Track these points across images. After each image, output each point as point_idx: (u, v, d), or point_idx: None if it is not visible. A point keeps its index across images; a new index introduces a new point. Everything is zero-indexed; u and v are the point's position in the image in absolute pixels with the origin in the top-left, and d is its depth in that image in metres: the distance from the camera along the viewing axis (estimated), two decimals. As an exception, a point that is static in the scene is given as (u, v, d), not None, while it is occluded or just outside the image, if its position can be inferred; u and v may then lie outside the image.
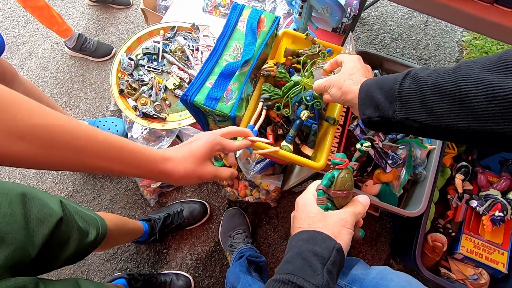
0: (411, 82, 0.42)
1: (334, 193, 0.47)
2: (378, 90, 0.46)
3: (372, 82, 0.48)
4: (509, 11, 0.51)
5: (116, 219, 0.77)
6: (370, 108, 0.47)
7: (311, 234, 0.43)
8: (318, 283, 0.38)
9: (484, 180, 1.05)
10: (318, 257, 0.40)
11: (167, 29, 0.86)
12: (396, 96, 0.43)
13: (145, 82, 0.81)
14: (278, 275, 0.40)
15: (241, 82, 0.61)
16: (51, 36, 1.45)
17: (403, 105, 0.43)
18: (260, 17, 0.65)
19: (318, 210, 0.46)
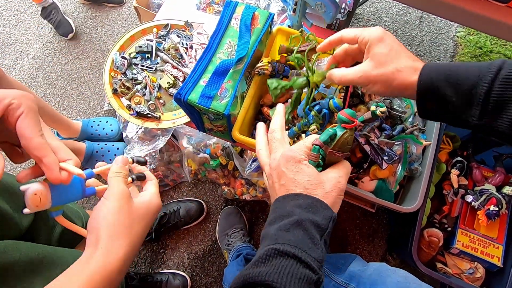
0: (506, 86, 0.34)
1: (331, 152, 0.43)
2: (450, 88, 0.37)
3: (438, 70, 0.39)
4: (502, 6, 0.51)
5: None
6: (433, 101, 0.39)
7: (310, 201, 0.39)
8: (319, 256, 0.36)
9: (479, 175, 1.05)
10: (318, 228, 0.38)
11: (160, 27, 0.85)
12: (479, 101, 0.35)
13: (138, 81, 0.80)
14: (279, 244, 0.36)
15: (235, 80, 0.60)
16: (43, 35, 1.43)
17: (487, 113, 0.35)
18: (254, 14, 0.65)
19: (314, 173, 0.41)
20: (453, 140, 1.10)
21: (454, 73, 0.38)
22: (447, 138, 1.09)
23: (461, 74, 0.37)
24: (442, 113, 0.39)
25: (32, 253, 0.41)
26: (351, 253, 0.81)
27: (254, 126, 0.75)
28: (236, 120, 0.65)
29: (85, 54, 1.39)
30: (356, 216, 1.17)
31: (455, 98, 0.37)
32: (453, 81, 0.37)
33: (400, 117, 1.05)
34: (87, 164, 1.16)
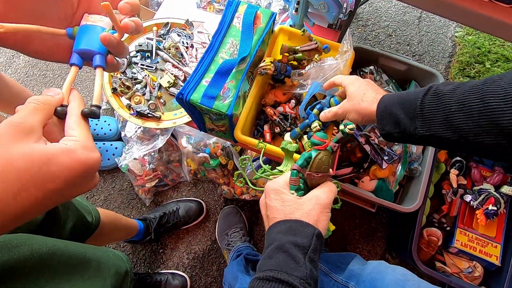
0: (433, 98, 0.41)
1: (309, 174, 0.45)
2: (398, 106, 0.45)
3: (391, 98, 0.47)
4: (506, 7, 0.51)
5: (108, 213, 0.77)
6: (389, 124, 0.46)
7: (289, 224, 0.42)
8: (302, 274, 0.37)
9: (477, 175, 1.06)
10: (299, 248, 0.39)
11: (160, 25, 0.84)
12: (417, 113, 0.42)
13: (138, 80, 0.79)
14: (261, 272, 0.39)
15: (238, 80, 0.60)
16: (39, 33, 1.41)
17: (425, 122, 0.42)
18: (256, 13, 0.64)
19: (292, 198, 0.45)
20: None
21: (402, 95, 0.46)
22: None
23: (405, 95, 0.45)
24: (397, 132, 0.46)
25: (44, 247, 0.40)
26: (350, 253, 0.81)
27: (255, 126, 0.75)
28: (238, 120, 0.64)
29: (82, 52, 1.37)
30: (356, 215, 1.17)
31: (403, 116, 0.44)
32: (400, 101, 0.45)
33: (400, 117, 1.05)
34: None
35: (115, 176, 1.19)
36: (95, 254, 0.48)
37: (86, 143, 0.28)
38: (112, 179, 1.19)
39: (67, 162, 0.26)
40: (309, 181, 0.47)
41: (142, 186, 1.12)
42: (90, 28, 0.33)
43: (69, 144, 0.27)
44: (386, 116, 0.47)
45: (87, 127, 0.30)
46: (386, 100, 0.48)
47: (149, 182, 1.11)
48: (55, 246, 0.42)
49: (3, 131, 0.25)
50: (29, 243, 0.38)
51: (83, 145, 0.27)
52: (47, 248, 0.40)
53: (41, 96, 0.29)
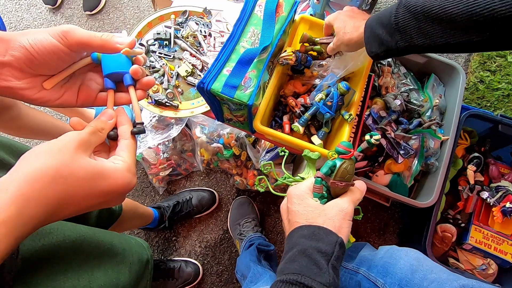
0: (404, 12, 0.46)
1: (333, 183, 0.46)
2: (379, 26, 0.50)
3: (373, 20, 0.52)
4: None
5: (127, 201, 0.79)
6: (375, 44, 0.51)
7: (312, 229, 0.42)
8: (326, 281, 0.37)
9: (495, 171, 1.04)
10: (322, 254, 0.39)
11: (178, 13, 0.83)
12: (394, 28, 0.47)
13: (156, 69, 0.79)
14: (284, 275, 0.39)
15: (259, 69, 0.59)
16: (54, 20, 1.41)
17: (402, 35, 0.47)
18: (279, 1, 0.63)
19: (316, 204, 0.45)
20: (470, 135, 1.08)
21: (380, 15, 0.50)
22: (464, 133, 1.07)
23: (383, 13, 0.50)
24: (383, 50, 0.50)
25: (74, 233, 0.41)
26: (360, 242, 0.81)
27: (273, 117, 0.74)
28: (258, 111, 0.64)
29: (97, 40, 1.38)
30: (368, 209, 1.17)
31: (384, 34, 0.49)
32: (380, 20, 0.50)
33: (417, 110, 1.03)
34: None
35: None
36: (120, 242, 0.49)
37: (131, 167, 0.32)
38: (127, 167, 1.21)
39: (114, 180, 0.30)
40: (332, 190, 0.47)
41: (156, 174, 1.13)
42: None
43: (119, 164, 0.31)
44: (371, 38, 0.51)
45: (135, 150, 0.35)
46: (369, 23, 0.52)
47: (163, 171, 1.12)
48: (84, 232, 0.43)
49: (69, 139, 0.29)
50: (60, 229, 0.39)
51: (129, 167, 0.32)
52: (78, 235, 0.41)
53: (100, 122, 0.34)
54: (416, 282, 0.49)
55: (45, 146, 0.28)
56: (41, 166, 0.26)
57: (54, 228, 0.39)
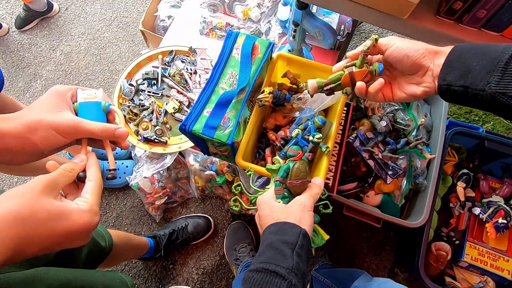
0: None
1: (290, 183, 0.52)
2: (476, 56, 0.40)
3: (470, 47, 0.42)
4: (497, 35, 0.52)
5: (120, 234, 0.81)
6: (455, 73, 0.41)
7: (279, 225, 0.47)
8: (289, 265, 0.42)
9: (486, 187, 1.05)
10: (287, 244, 0.44)
11: (165, 53, 0.88)
12: (499, 66, 0.38)
13: (145, 107, 0.83)
14: (252, 266, 0.44)
15: (238, 109, 0.62)
16: (54, 58, 1.49)
17: (504, 79, 0.38)
18: (254, 44, 0.67)
19: (279, 204, 0.50)
20: (458, 151, 1.09)
21: (485, 46, 0.41)
22: (452, 150, 1.08)
23: (490, 46, 0.41)
24: (460, 85, 0.41)
25: (56, 281, 0.43)
26: (357, 269, 0.82)
27: (257, 149, 0.77)
28: (239, 147, 0.67)
29: (94, 74, 1.44)
30: (363, 229, 1.17)
31: (478, 67, 0.39)
32: (482, 51, 0.41)
33: (403, 130, 1.05)
34: None
35: (126, 193, 1.24)
36: (103, 282, 0.51)
37: (94, 207, 0.34)
38: (124, 196, 1.24)
39: (75, 221, 0.32)
40: (292, 190, 0.53)
41: (152, 203, 1.16)
42: (89, 104, 0.41)
43: (81, 205, 0.34)
44: (457, 64, 0.41)
45: (99, 192, 0.37)
46: (464, 47, 0.42)
47: (158, 199, 1.15)
48: (66, 278, 0.45)
49: (35, 183, 0.32)
50: (44, 278, 0.42)
51: (91, 208, 0.34)
52: (59, 282, 0.44)
53: (69, 164, 0.37)
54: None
55: (12, 191, 0.31)
56: (3, 210, 0.29)
57: (38, 277, 0.42)
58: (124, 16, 1.55)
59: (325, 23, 0.66)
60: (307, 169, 0.53)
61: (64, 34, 1.53)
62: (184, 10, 1.01)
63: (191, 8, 0.99)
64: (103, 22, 1.54)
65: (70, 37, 1.52)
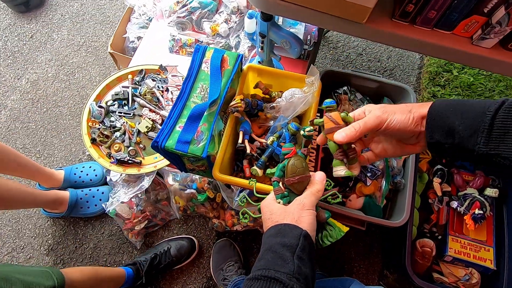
0: (508, 114, 0.37)
1: (287, 180, 0.49)
2: (457, 116, 0.40)
3: (447, 105, 0.42)
4: (448, 34, 0.55)
5: (84, 270, 0.77)
6: (440, 132, 0.41)
7: (278, 227, 0.45)
8: (290, 270, 0.40)
9: (460, 180, 1.08)
10: (287, 247, 0.42)
11: (135, 73, 0.87)
12: (484, 128, 0.38)
13: (117, 128, 0.81)
14: (252, 273, 0.42)
15: (210, 122, 0.62)
16: (19, 86, 1.43)
17: (492, 140, 0.38)
18: (223, 56, 0.68)
19: (279, 206, 0.49)
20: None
21: (461, 105, 0.41)
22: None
23: (468, 106, 0.40)
24: (450, 143, 0.41)
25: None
26: (348, 277, 0.81)
27: (235, 162, 0.77)
28: (216, 160, 0.66)
29: (64, 100, 1.40)
30: (349, 234, 1.16)
31: (462, 127, 0.39)
32: (460, 111, 0.40)
33: (377, 132, 1.08)
34: (72, 213, 1.13)
35: (103, 221, 1.18)
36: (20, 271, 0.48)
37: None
38: (101, 225, 1.17)
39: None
40: (292, 188, 0.50)
41: (132, 229, 1.10)
42: None
43: None
44: (439, 122, 0.41)
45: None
46: (442, 105, 0.42)
47: (138, 224, 1.10)
48: None
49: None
50: None
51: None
52: None
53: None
54: None
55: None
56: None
57: None
58: (93, 41, 1.53)
59: (290, 33, 0.68)
60: (304, 164, 0.51)
61: (30, 62, 1.48)
62: (152, 30, 1.01)
63: (159, 27, 1.00)
64: (71, 47, 1.51)
65: (36, 65, 1.48)
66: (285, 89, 0.73)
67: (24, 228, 1.17)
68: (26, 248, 1.15)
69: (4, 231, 1.17)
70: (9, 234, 1.17)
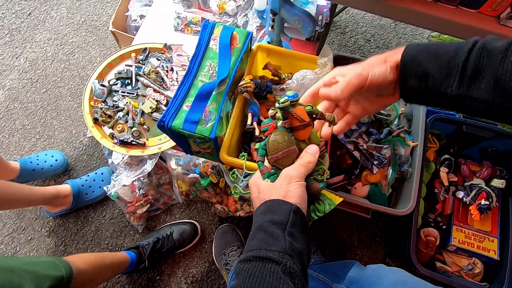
0: (482, 56, 0.37)
1: (271, 158, 0.46)
2: (431, 58, 0.39)
3: (421, 49, 0.41)
4: (473, 12, 0.52)
5: (90, 257, 0.76)
6: (414, 78, 0.41)
7: (267, 204, 0.44)
8: (281, 248, 0.39)
9: (467, 171, 1.07)
10: (277, 225, 0.40)
11: (138, 51, 0.84)
12: (458, 69, 0.37)
13: (120, 108, 0.78)
14: (243, 255, 0.40)
15: (219, 102, 0.59)
16: (18, 66, 1.39)
17: (465, 81, 0.37)
18: (232, 34, 0.65)
19: (266, 183, 0.47)
20: (438, 138, 1.11)
21: (433, 49, 0.40)
22: (433, 137, 1.10)
23: (440, 49, 0.40)
24: (422, 88, 0.41)
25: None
26: (350, 260, 0.81)
27: (242, 145, 0.74)
28: (223, 142, 0.64)
29: (63, 81, 1.36)
30: (352, 221, 1.16)
31: (435, 70, 0.39)
32: (433, 55, 0.40)
33: (385, 120, 1.06)
34: (78, 203, 1.11)
35: (105, 205, 1.17)
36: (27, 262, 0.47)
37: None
38: (102, 208, 1.16)
39: None
40: (278, 165, 0.47)
41: (133, 212, 1.09)
42: None
43: None
44: (412, 66, 0.41)
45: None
46: (416, 48, 0.41)
47: (140, 208, 1.09)
48: None
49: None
50: None
51: None
52: None
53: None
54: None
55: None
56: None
57: None
58: (93, 20, 1.48)
59: (304, 10, 0.64)
60: (287, 137, 0.46)
61: (28, 40, 1.44)
62: (156, 7, 0.97)
63: (164, 4, 0.96)
64: (70, 26, 1.46)
65: (35, 44, 1.43)
66: (294, 71, 0.70)
67: (25, 210, 1.16)
68: (27, 230, 1.14)
69: (5, 212, 1.16)
70: (9, 215, 1.15)
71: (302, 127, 0.47)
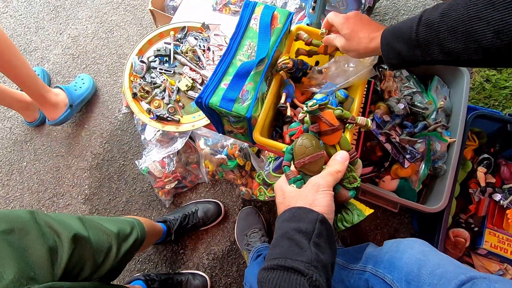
0: (426, 29, 0.46)
1: (298, 163, 0.45)
2: (397, 41, 0.50)
3: (389, 34, 0.51)
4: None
5: (146, 221, 0.81)
6: (393, 57, 0.52)
7: (292, 211, 0.43)
8: (308, 259, 0.38)
9: (507, 172, 1.01)
10: (302, 234, 0.40)
11: (177, 29, 0.85)
12: (414, 44, 0.47)
13: (157, 85, 0.80)
14: (267, 262, 0.40)
15: (257, 81, 0.59)
16: (61, 41, 1.46)
17: (423, 51, 0.47)
18: (273, 13, 0.64)
19: (292, 189, 0.46)
20: (478, 136, 1.05)
21: (397, 29, 0.50)
22: (472, 135, 1.04)
23: (400, 28, 0.49)
24: (401, 62, 0.51)
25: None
26: (364, 243, 0.79)
27: (274, 128, 0.74)
28: (257, 123, 0.64)
29: (102, 58, 1.42)
30: (377, 215, 1.14)
31: (404, 48, 0.49)
32: (398, 35, 0.50)
33: (422, 113, 1.02)
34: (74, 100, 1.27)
35: (136, 178, 1.22)
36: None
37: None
38: (133, 181, 1.22)
39: None
40: (305, 170, 0.46)
41: (162, 188, 1.14)
42: None
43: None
44: (390, 50, 0.51)
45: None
46: (386, 37, 0.52)
47: (168, 184, 1.13)
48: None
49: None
50: None
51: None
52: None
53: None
54: (424, 278, 0.48)
55: None
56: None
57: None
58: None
59: (349, -8, 0.62)
60: (315, 142, 0.46)
61: (71, 17, 1.50)
62: (196, -13, 0.97)
63: (203, -16, 0.96)
64: (110, 5, 1.51)
65: (77, 21, 1.49)
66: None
67: (64, 177, 1.25)
68: (65, 196, 1.23)
69: (47, 177, 1.25)
70: (50, 181, 1.25)
71: (331, 132, 0.46)
